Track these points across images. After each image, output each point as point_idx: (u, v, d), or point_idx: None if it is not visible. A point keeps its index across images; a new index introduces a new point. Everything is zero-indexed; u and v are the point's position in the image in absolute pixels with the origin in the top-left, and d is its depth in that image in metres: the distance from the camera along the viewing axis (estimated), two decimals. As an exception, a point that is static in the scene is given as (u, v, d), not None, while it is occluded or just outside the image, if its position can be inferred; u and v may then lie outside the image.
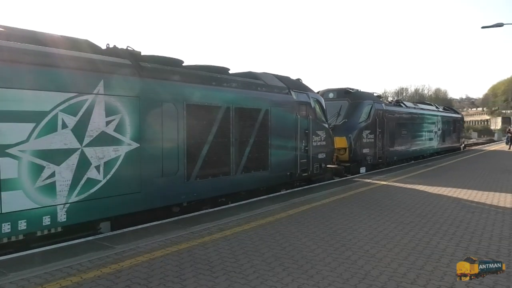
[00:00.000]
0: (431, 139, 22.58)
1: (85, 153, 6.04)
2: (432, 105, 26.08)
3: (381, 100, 17.95)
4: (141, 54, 7.54)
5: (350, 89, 15.97)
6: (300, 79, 12.42)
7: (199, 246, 5.72)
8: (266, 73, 11.19)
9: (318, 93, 13.33)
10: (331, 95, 15.67)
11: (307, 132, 11.21)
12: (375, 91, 17.29)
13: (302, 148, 11.05)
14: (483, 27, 18.03)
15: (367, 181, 12.49)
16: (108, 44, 7.26)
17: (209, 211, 8.08)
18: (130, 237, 6.12)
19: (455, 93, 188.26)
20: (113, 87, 6.43)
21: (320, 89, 16.19)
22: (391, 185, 11.61)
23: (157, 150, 7.14)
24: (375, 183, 12.04)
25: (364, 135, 15.17)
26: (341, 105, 15.31)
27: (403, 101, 21.41)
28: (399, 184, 11.85)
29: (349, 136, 14.46)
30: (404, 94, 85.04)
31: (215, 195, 8.57)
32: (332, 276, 4.61)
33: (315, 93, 12.63)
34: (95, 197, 6.18)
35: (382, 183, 12.04)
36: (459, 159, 21.16)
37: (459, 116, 30.14)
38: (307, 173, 11.29)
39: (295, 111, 10.79)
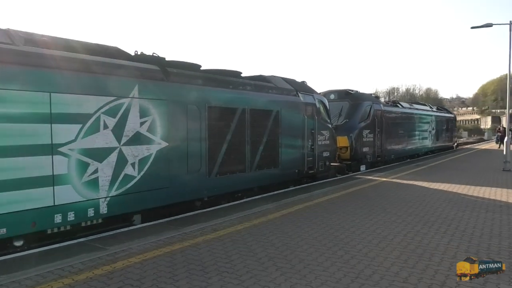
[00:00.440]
0: (425, 138, 23.47)
1: (122, 151, 6.65)
2: (427, 105, 26.97)
3: (379, 100, 18.72)
4: (165, 59, 8.15)
5: (350, 90, 16.71)
6: (305, 81, 13.10)
7: (192, 247, 5.70)
8: (274, 76, 11.84)
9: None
10: (332, 96, 16.37)
11: (313, 131, 11.89)
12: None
13: (309, 147, 11.73)
14: (472, 28, 17.56)
15: (368, 177, 13.24)
16: (136, 51, 7.87)
17: (202, 211, 8.09)
18: (122, 238, 6.11)
19: (445, 92, 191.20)
20: (145, 91, 7.04)
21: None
22: (392, 182, 12.34)
23: (183, 148, 7.76)
24: (376, 179, 12.78)
25: (364, 134, 15.93)
26: (342, 106, 16.04)
27: (399, 101, 22.20)
28: (398, 180, 12.59)
29: (350, 135, 15.21)
30: (396, 93, 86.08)
31: (232, 190, 9.22)
32: (325, 275, 4.64)
33: (320, 94, 13.33)
34: (131, 191, 6.79)
35: (383, 179, 12.79)
36: (452, 157, 22.04)
37: (452, 115, 31.11)
38: (313, 171, 11.98)
39: (302, 112, 11.47)
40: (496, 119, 78.38)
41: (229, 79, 9.37)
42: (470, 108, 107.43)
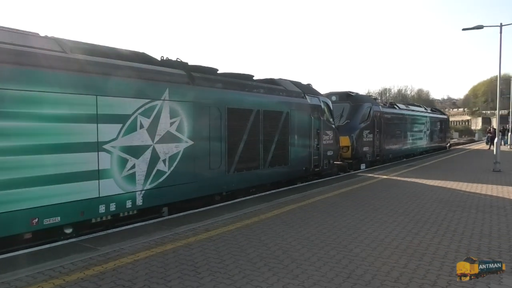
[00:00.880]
0: (421, 139, 24.41)
1: (155, 149, 7.31)
2: (421, 107, 27.91)
3: (377, 102, 19.56)
4: (188, 64, 8.82)
5: (351, 92, 17.53)
6: (310, 84, 13.83)
7: (184, 247, 5.71)
8: (282, 79, 12.55)
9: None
10: (334, 98, 17.10)
11: (318, 131, 12.63)
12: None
13: (315, 146, 12.48)
14: (463, 29, 17.72)
15: (369, 175, 14.03)
16: (162, 56, 8.52)
17: (194, 211, 8.13)
18: (114, 239, 6.10)
19: (437, 93, 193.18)
20: (175, 94, 7.70)
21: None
22: (393, 179, 13.14)
23: (206, 147, 8.44)
24: (377, 177, 13.57)
25: (364, 134, 16.74)
26: (344, 107, 16.83)
27: (396, 103, 23.07)
28: (398, 177, 13.39)
29: (351, 135, 16.01)
30: (388, 94, 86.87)
31: (248, 186, 9.93)
32: (317, 275, 4.65)
33: (325, 96, 14.08)
34: (162, 185, 7.46)
35: (383, 177, 13.58)
36: (445, 157, 22.93)
37: (445, 117, 32.16)
38: (318, 168, 12.73)
39: (309, 113, 12.20)
40: (486, 120, 79.85)
41: (245, 82, 10.08)
42: (461, 109, 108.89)
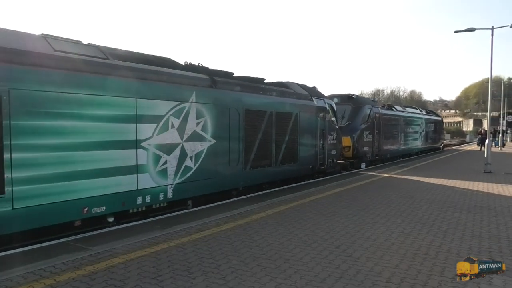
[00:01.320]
0: (416, 139, 25.39)
1: (184, 147, 8.03)
2: (417, 109, 28.90)
3: (377, 104, 20.44)
4: (209, 68, 9.53)
5: (352, 95, 18.40)
6: (315, 87, 14.61)
7: (177, 247, 5.68)
8: (291, 82, 13.31)
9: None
10: (336, 100, 17.84)
11: (324, 132, 13.42)
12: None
13: (320, 146, 13.26)
14: (456, 31, 17.81)
15: (370, 173, 14.86)
16: (186, 61, 9.23)
17: (188, 211, 8.21)
18: (105, 238, 6.06)
19: (429, 95, 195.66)
20: (200, 97, 8.42)
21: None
22: (394, 177, 13.97)
23: (226, 145, 9.17)
24: (378, 175, 14.40)
25: (364, 135, 17.59)
26: (345, 109, 17.65)
27: (393, 105, 23.97)
28: (399, 176, 14.22)
29: (353, 136, 16.84)
30: (380, 95, 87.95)
31: (261, 182, 10.68)
32: (310, 275, 4.66)
33: (329, 99, 14.88)
34: (189, 180, 8.18)
35: (384, 175, 14.42)
36: (438, 158, 23.88)
37: (439, 118, 33.21)
38: (323, 167, 13.53)
39: (315, 115, 12.98)
40: (478, 122, 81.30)
41: (259, 85, 10.82)
42: (453, 111, 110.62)
